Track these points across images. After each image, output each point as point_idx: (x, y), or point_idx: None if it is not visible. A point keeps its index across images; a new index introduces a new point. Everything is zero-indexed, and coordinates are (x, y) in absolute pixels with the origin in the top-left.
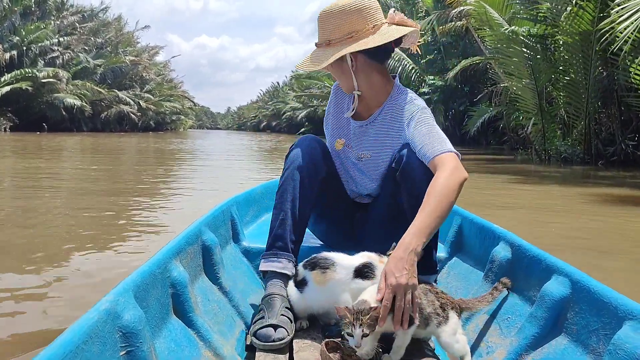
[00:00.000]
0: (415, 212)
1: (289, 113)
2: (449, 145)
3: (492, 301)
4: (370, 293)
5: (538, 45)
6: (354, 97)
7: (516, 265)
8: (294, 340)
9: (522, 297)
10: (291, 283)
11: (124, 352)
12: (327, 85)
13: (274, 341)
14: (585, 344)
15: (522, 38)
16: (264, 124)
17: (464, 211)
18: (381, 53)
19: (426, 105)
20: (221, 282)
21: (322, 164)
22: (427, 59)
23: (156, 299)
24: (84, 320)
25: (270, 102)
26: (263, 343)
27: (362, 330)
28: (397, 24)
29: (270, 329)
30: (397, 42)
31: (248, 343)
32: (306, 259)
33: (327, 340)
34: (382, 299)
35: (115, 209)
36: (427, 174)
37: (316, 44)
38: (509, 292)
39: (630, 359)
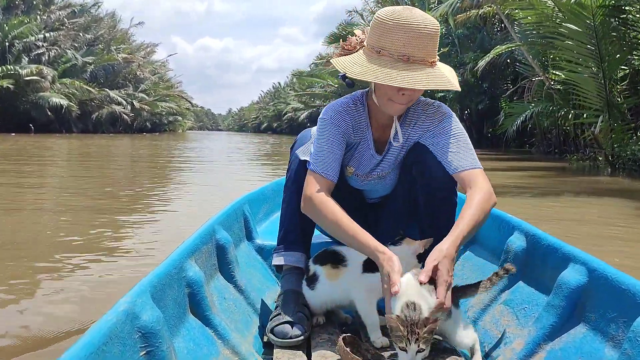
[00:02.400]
0: (430, 207)
1: (290, 114)
2: (476, 159)
3: (490, 287)
4: (418, 292)
5: (612, 20)
6: (395, 122)
7: (532, 255)
8: (311, 337)
9: (538, 287)
10: (303, 281)
11: (143, 352)
12: (330, 83)
13: (291, 338)
14: (604, 332)
15: (585, 16)
16: (265, 125)
17: None
18: None
19: (451, 111)
20: (236, 280)
21: None
22: (440, 52)
23: (173, 299)
24: (103, 321)
25: (271, 103)
26: (281, 340)
27: (419, 346)
28: None
29: (287, 326)
30: None
31: (265, 340)
32: (316, 254)
33: (344, 335)
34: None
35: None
36: (444, 170)
37: (409, 57)
38: (524, 282)
39: None
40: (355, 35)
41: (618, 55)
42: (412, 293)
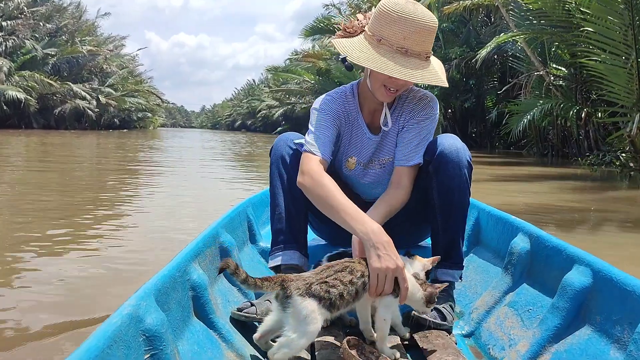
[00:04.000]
0: (445, 207)
1: (264, 111)
2: (416, 158)
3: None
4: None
5: None
6: (385, 107)
7: (536, 256)
8: (315, 338)
9: (543, 288)
10: None
11: (148, 355)
12: (306, 79)
13: (239, 310)
14: (609, 333)
15: None
16: (239, 122)
17: (481, 203)
18: None
19: (437, 111)
20: None
21: None
22: None
23: (177, 302)
24: (107, 325)
25: (245, 100)
26: (238, 313)
27: None
28: None
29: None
30: None
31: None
32: (332, 252)
33: (348, 337)
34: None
35: None
36: (461, 169)
37: (407, 50)
38: (528, 284)
39: None
40: (358, 20)
41: None
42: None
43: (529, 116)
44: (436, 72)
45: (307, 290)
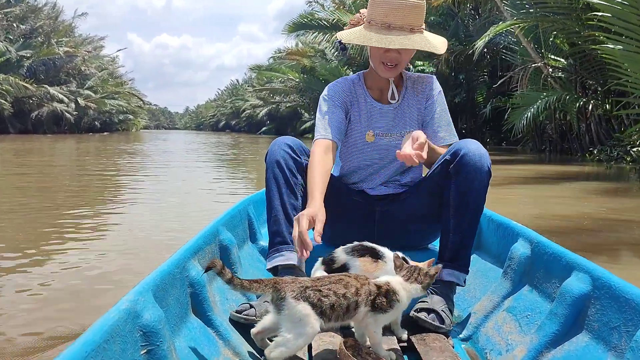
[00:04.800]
0: (460, 208)
1: (248, 111)
2: (454, 134)
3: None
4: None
5: None
6: (391, 83)
7: (536, 262)
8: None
9: (541, 294)
10: (321, 269)
11: (144, 350)
12: (291, 78)
13: (238, 312)
14: (607, 341)
15: None
16: (223, 123)
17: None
18: None
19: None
20: None
21: (299, 157)
22: None
23: (175, 299)
24: (104, 319)
25: (229, 100)
26: (237, 315)
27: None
28: None
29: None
30: None
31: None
32: (346, 246)
33: (345, 338)
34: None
35: None
36: (481, 174)
37: (390, 25)
38: (527, 289)
39: None
40: (360, 13)
41: None
42: None
43: (532, 109)
44: (422, 40)
45: (301, 294)
